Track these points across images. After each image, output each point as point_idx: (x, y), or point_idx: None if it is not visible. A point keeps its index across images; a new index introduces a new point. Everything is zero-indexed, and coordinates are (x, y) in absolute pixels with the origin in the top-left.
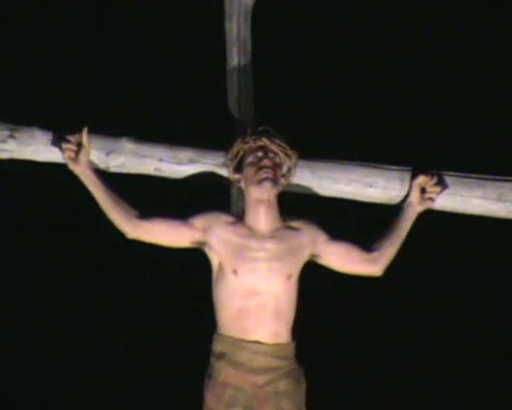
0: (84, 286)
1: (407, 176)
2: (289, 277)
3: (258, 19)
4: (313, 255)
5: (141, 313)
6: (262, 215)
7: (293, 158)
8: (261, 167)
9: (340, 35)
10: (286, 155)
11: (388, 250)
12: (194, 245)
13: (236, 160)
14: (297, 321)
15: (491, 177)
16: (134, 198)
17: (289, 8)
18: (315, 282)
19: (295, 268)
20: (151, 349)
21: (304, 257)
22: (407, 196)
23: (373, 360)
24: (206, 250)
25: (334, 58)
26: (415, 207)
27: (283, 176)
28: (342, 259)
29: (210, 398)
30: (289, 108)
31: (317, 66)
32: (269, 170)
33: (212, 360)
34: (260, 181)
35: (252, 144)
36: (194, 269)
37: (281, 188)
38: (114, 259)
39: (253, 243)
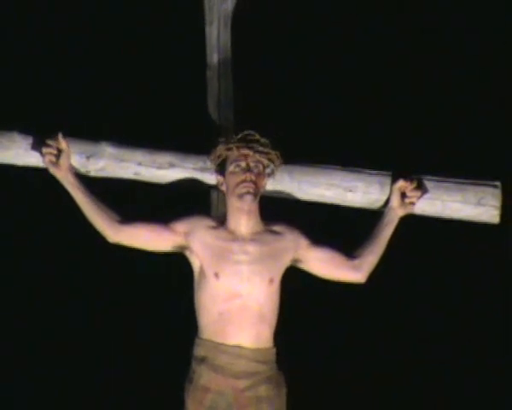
0: (62, 290)
1: (387, 180)
2: (271, 280)
3: (238, 24)
4: (295, 260)
5: (121, 315)
6: (243, 221)
7: (277, 161)
8: (243, 181)
9: (321, 39)
10: (269, 159)
11: (371, 257)
12: (176, 250)
13: (219, 161)
14: (278, 326)
15: (471, 181)
16: (114, 202)
17: (269, 13)
18: (297, 287)
19: (277, 272)
20: (131, 353)
21: (286, 261)
22: (387, 200)
23: (355, 364)
24: (188, 254)
25: (313, 62)
26: (396, 211)
27: (268, 175)
28: (324, 265)
29: (191, 402)
30: (269, 112)
31: (296, 70)
32: (250, 184)
33: (194, 364)
34: (241, 195)
35: (235, 152)
36: (175, 273)
37: (263, 191)
38: (95, 262)
39: (235, 247)
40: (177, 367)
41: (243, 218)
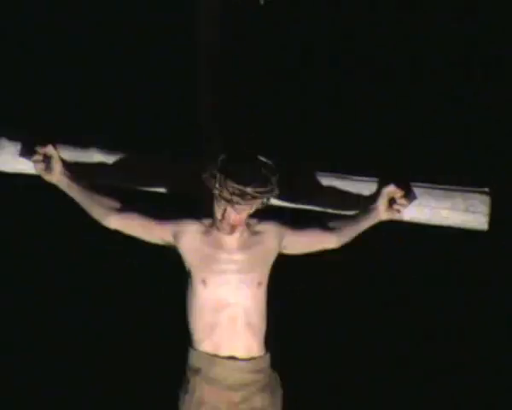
0: (55, 295)
1: (375, 187)
2: (260, 284)
3: (227, 23)
4: (280, 251)
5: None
6: (231, 237)
7: (272, 192)
8: (225, 223)
9: (312, 39)
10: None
11: (347, 233)
12: (167, 245)
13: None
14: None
15: (459, 188)
16: None
17: (258, 16)
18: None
19: (265, 274)
20: (129, 356)
21: (272, 259)
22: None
23: (349, 363)
24: (180, 254)
25: (303, 64)
26: (379, 215)
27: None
28: (306, 245)
29: None
30: (260, 118)
31: (286, 71)
32: (232, 228)
33: (188, 374)
34: (223, 230)
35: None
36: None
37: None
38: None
39: (223, 256)
40: (173, 373)
41: (231, 236)
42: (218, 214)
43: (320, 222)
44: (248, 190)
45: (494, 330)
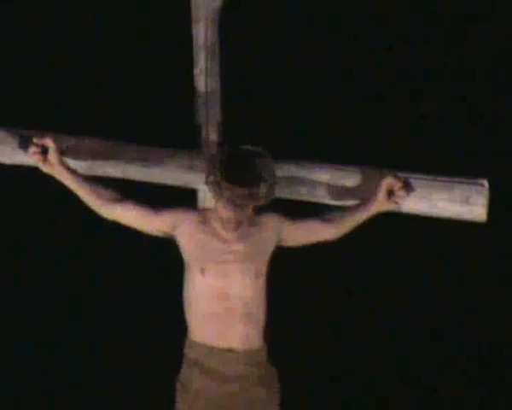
0: (54, 289)
1: (374, 178)
2: (258, 275)
3: (226, 21)
4: (279, 242)
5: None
6: (230, 228)
7: (273, 189)
8: (227, 221)
9: (310, 37)
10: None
11: (346, 224)
12: (164, 235)
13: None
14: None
15: (458, 180)
16: None
17: (257, 13)
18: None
19: (264, 264)
20: (128, 351)
21: (271, 249)
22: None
23: (347, 359)
24: (178, 244)
25: (301, 62)
26: (377, 206)
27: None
28: (304, 235)
29: (182, 406)
30: (256, 112)
31: (284, 69)
32: (234, 225)
33: (185, 365)
34: (224, 228)
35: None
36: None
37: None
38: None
39: (222, 246)
40: (170, 365)
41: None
42: (224, 215)
43: (318, 213)
44: (249, 191)
45: (492, 320)
